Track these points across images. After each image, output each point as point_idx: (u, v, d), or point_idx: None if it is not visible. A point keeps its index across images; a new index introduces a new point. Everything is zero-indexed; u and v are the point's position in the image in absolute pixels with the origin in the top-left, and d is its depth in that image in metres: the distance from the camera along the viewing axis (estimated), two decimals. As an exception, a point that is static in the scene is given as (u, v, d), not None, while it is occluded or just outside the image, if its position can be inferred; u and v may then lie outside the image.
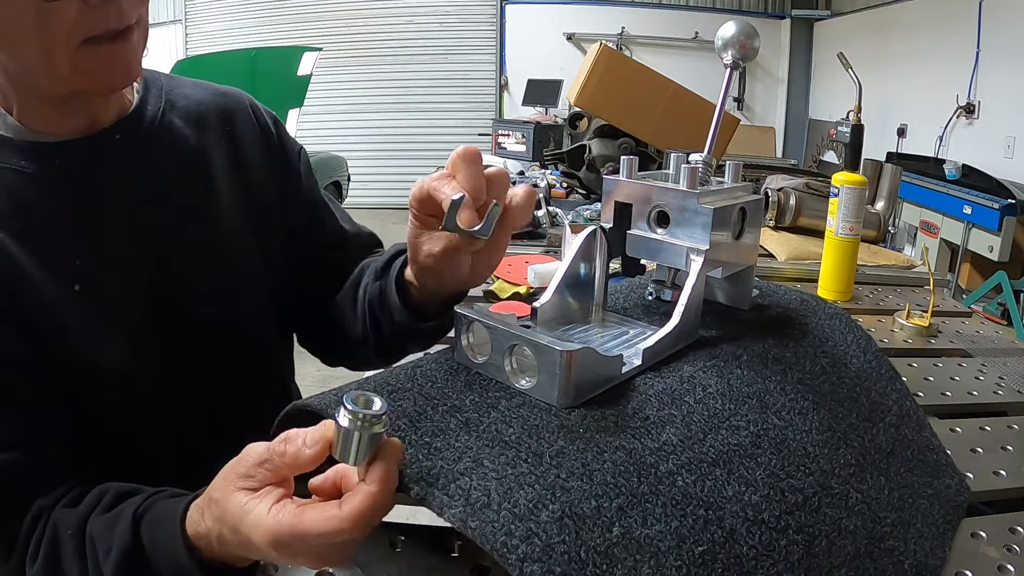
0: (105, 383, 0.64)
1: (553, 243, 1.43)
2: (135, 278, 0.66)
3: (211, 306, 0.72)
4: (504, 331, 0.47)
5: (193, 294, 0.70)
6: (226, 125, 0.77)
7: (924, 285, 1.30)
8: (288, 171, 0.83)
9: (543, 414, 0.45)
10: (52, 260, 0.61)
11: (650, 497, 0.40)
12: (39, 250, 0.60)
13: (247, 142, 0.78)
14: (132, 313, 0.66)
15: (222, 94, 0.79)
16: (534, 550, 0.35)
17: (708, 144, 0.63)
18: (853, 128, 1.67)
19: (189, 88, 0.77)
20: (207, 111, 0.76)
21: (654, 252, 0.59)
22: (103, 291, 0.64)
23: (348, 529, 0.38)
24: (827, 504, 0.46)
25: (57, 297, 0.61)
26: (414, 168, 6.63)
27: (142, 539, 0.51)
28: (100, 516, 0.54)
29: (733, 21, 0.63)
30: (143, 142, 0.69)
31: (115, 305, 0.65)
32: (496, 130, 3.74)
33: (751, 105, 6.72)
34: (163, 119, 0.71)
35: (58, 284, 0.61)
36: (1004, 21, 3.90)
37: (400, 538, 0.56)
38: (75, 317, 0.62)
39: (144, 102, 0.71)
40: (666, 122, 1.89)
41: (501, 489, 0.38)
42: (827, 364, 0.61)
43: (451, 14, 6.74)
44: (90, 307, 0.62)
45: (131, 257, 0.66)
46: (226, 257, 0.74)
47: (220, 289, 0.73)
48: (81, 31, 0.56)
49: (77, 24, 0.55)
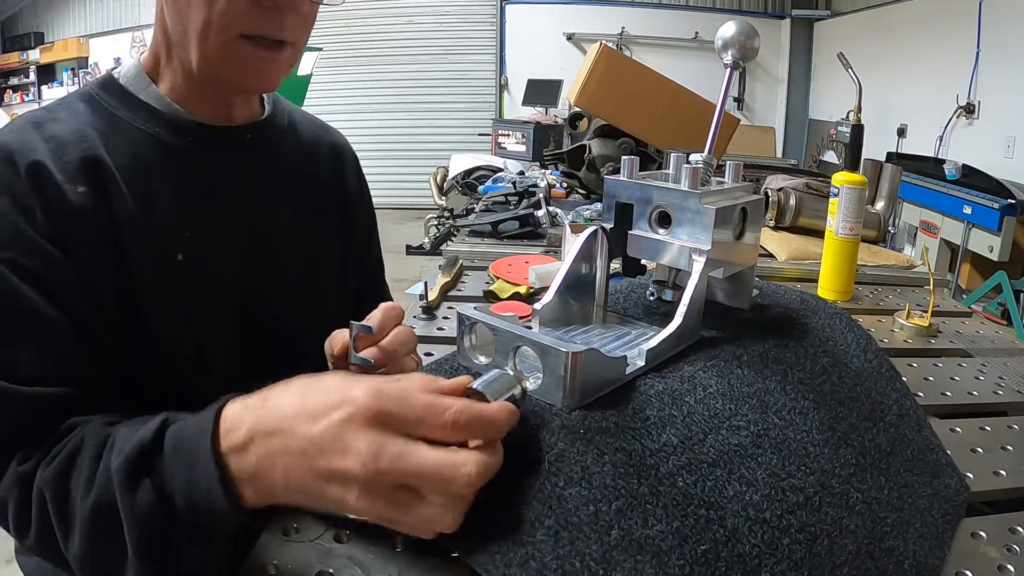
0: (178, 356, 0.66)
1: (553, 243, 1.43)
2: (231, 264, 0.71)
3: (287, 309, 0.76)
4: (508, 332, 0.47)
5: (275, 295, 0.75)
6: (336, 156, 0.87)
7: (924, 285, 1.30)
8: (372, 215, 0.93)
9: (545, 415, 0.45)
10: (164, 226, 0.65)
11: (650, 498, 0.40)
12: (155, 214, 0.64)
13: (350, 178, 0.88)
14: (221, 295, 0.70)
15: (328, 128, 0.89)
16: (529, 574, 0.36)
17: (708, 144, 0.63)
18: (853, 128, 1.67)
19: (302, 115, 0.86)
20: (320, 139, 0.85)
21: (655, 252, 0.59)
22: (202, 267, 0.68)
23: (456, 417, 0.38)
24: (828, 503, 0.46)
25: (161, 261, 0.64)
26: (414, 168, 6.64)
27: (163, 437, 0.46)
28: (130, 425, 0.51)
29: (733, 21, 0.63)
30: (268, 147, 0.76)
31: (208, 283, 0.68)
32: (496, 130, 3.74)
33: (751, 105, 6.72)
34: (286, 135, 0.80)
35: (164, 250, 0.65)
36: (1004, 21, 3.91)
37: (400, 538, 0.56)
38: (171, 284, 0.65)
39: (273, 115, 0.78)
40: (666, 122, 1.89)
41: (503, 513, 0.39)
42: (827, 364, 0.61)
43: (451, 14, 6.74)
44: (187, 279, 0.66)
45: (231, 245, 0.71)
46: (311, 273, 0.80)
47: (299, 298, 0.77)
48: (242, 25, 0.62)
49: (242, 17, 0.61)
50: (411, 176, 6.69)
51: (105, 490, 0.47)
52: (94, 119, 0.66)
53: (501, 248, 1.39)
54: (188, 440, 0.44)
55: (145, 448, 0.46)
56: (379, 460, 0.37)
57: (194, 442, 0.44)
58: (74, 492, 0.49)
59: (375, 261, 0.96)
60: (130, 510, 0.45)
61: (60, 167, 0.60)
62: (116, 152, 0.64)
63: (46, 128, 0.63)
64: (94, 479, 0.48)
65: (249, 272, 0.72)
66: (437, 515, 0.38)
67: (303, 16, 0.67)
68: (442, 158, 5.04)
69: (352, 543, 0.51)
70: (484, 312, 0.50)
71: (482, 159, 3.64)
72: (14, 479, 0.53)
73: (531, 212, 1.51)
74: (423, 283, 1.05)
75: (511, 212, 1.55)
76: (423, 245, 3.49)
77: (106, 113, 0.67)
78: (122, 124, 0.66)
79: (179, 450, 0.45)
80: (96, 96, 0.68)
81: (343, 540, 0.51)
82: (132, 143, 0.65)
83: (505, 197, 1.75)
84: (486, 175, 2.72)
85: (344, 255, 0.85)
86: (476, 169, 3.09)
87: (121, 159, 0.64)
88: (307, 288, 0.79)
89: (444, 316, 1.03)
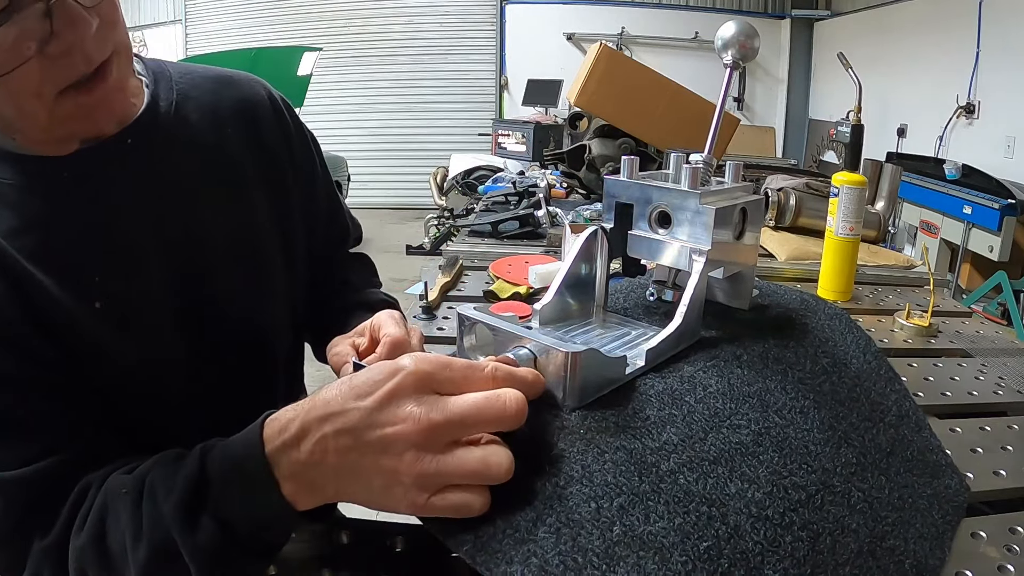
0: (135, 392, 0.62)
1: (553, 243, 1.43)
2: (159, 286, 0.63)
3: (238, 306, 0.70)
4: (508, 332, 0.47)
5: (220, 295, 0.68)
6: (245, 116, 0.73)
7: (924, 285, 1.30)
8: (311, 164, 0.80)
9: (544, 416, 0.45)
10: (69, 278, 0.57)
11: (652, 495, 0.40)
12: (55, 269, 0.57)
13: (268, 134, 0.75)
14: (158, 321, 0.63)
15: (235, 82, 0.75)
16: (531, 571, 0.36)
17: (708, 144, 0.63)
18: (853, 128, 1.67)
19: (200, 78, 0.72)
20: (222, 103, 0.72)
21: (655, 252, 0.59)
22: (125, 304, 0.61)
23: (495, 372, 0.41)
24: (830, 502, 0.46)
25: (79, 314, 0.57)
26: (414, 168, 6.65)
27: (207, 468, 0.45)
28: (164, 464, 0.49)
29: (733, 21, 0.63)
30: (158, 143, 0.65)
31: (140, 316, 0.62)
32: (496, 130, 3.74)
33: (751, 105, 6.73)
34: (177, 115, 0.67)
35: (78, 301, 0.57)
36: (1004, 21, 3.91)
37: (400, 538, 0.56)
38: (100, 333, 0.59)
39: (155, 99, 0.66)
40: (666, 122, 1.89)
41: (504, 514, 0.40)
42: (827, 364, 0.61)
43: (451, 14, 6.74)
44: (113, 323, 0.59)
45: (154, 265, 0.63)
46: (253, 256, 0.72)
47: (247, 289, 0.71)
48: (51, 86, 0.52)
49: (44, 81, 0.52)
50: (411, 176, 6.70)
51: (158, 536, 0.45)
52: None
53: (501, 248, 1.39)
54: (236, 460, 0.44)
55: (194, 482, 0.45)
56: (431, 413, 0.39)
57: (243, 461, 0.43)
58: (116, 549, 0.47)
59: (325, 209, 0.85)
60: (193, 549, 0.44)
61: None
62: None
63: None
64: (141, 527, 0.46)
65: (185, 286, 0.65)
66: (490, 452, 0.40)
67: (101, 24, 0.53)
68: (442, 158, 5.04)
69: (352, 543, 0.51)
70: (484, 312, 0.50)
71: (482, 159, 3.64)
72: (40, 557, 0.51)
73: (531, 212, 1.51)
74: (423, 283, 1.05)
75: (511, 212, 1.55)
76: (423, 245, 3.48)
77: None
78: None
79: (228, 475, 0.44)
80: None
81: (343, 540, 0.52)
82: (6, 206, 0.57)
83: (505, 197, 1.75)
84: (486, 175, 2.72)
85: (281, 218, 0.75)
86: (476, 169, 3.09)
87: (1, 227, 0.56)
88: (248, 271, 0.71)
89: (444, 316, 1.04)
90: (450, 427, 0.40)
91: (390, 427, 0.40)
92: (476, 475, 0.40)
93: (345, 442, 0.41)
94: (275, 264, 0.75)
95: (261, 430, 0.43)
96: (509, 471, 0.40)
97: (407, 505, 0.40)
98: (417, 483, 0.39)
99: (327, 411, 0.41)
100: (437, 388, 0.41)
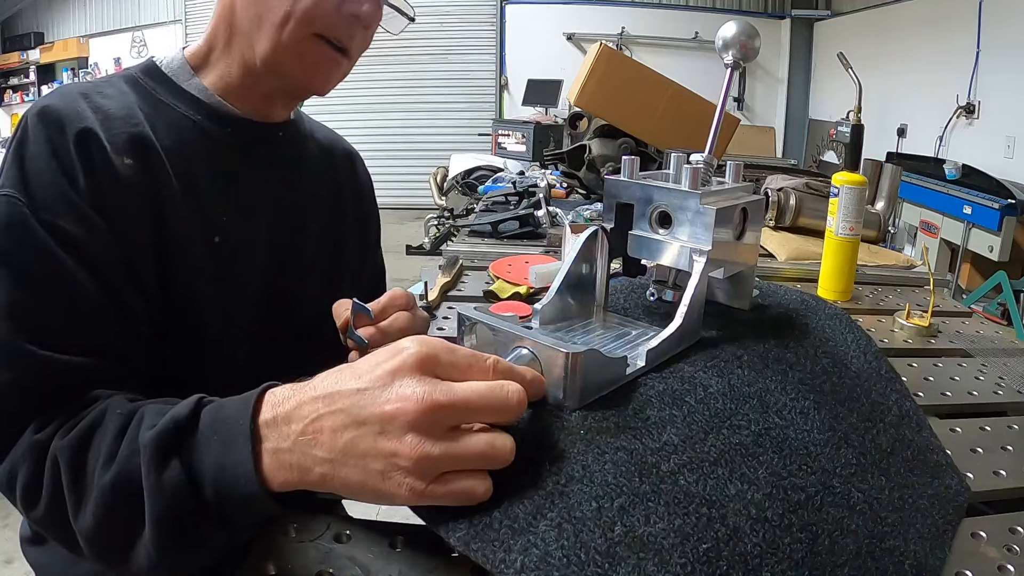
0: (204, 338, 0.67)
1: (553, 243, 1.43)
2: (261, 255, 0.73)
3: (307, 307, 0.78)
4: (508, 332, 0.47)
5: (297, 291, 0.78)
6: (350, 162, 0.90)
7: (924, 285, 1.30)
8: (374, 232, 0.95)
9: (544, 416, 0.45)
10: (204, 208, 0.67)
11: (652, 496, 0.40)
12: (196, 196, 0.66)
13: (363, 185, 0.92)
14: (250, 284, 0.72)
15: (340, 136, 0.92)
16: (531, 560, 0.36)
17: (708, 144, 0.63)
18: (853, 128, 1.67)
19: (316, 122, 0.89)
20: (336, 145, 0.89)
21: (656, 252, 0.59)
22: (235, 253, 0.70)
23: (495, 364, 0.41)
24: (829, 503, 0.46)
25: (199, 242, 0.66)
26: (414, 168, 6.64)
27: (196, 416, 0.46)
28: (164, 401, 0.50)
29: (733, 21, 0.63)
30: (296, 146, 0.80)
31: (240, 270, 0.71)
32: (496, 130, 3.74)
33: (751, 105, 6.73)
34: (309, 138, 0.84)
35: (202, 231, 0.67)
36: (1004, 21, 3.91)
37: (400, 538, 0.56)
38: (206, 266, 0.67)
39: (299, 118, 0.83)
40: (666, 122, 1.89)
41: (501, 505, 0.39)
42: (828, 364, 0.61)
43: (451, 14, 6.74)
44: (221, 263, 0.68)
45: (262, 238, 0.73)
46: (330, 273, 0.83)
47: (318, 296, 0.78)
48: (320, 25, 0.65)
49: (322, 17, 0.65)
50: (411, 176, 6.69)
51: (127, 465, 0.46)
52: (140, 100, 0.67)
53: (501, 248, 1.39)
54: (227, 418, 0.44)
55: (180, 424, 0.45)
56: (435, 394, 0.38)
57: (233, 420, 0.43)
58: (91, 464, 0.48)
59: (379, 266, 0.99)
60: (155, 488, 0.44)
61: (108, 138, 0.61)
62: (161, 134, 0.65)
63: (94, 100, 0.63)
64: (116, 453, 0.47)
65: (276, 266, 0.75)
66: (496, 436, 0.40)
67: (367, 33, 0.71)
68: (442, 158, 5.04)
69: (352, 543, 0.51)
70: (484, 312, 0.50)
71: (482, 159, 3.64)
72: (28, 447, 0.52)
73: (531, 212, 1.51)
74: (423, 283, 1.05)
75: (511, 212, 1.55)
76: (423, 245, 3.48)
77: (151, 97, 0.68)
78: (167, 109, 0.68)
79: (215, 429, 0.44)
80: (140, 80, 0.70)
81: (343, 540, 0.51)
82: (176, 128, 0.67)
83: (505, 197, 1.75)
84: (486, 175, 2.72)
85: (360, 258, 0.90)
86: (476, 169, 3.09)
87: (165, 141, 0.65)
88: (325, 287, 0.80)
89: (444, 316, 1.03)
90: (455, 410, 0.39)
91: (389, 404, 0.39)
92: (484, 458, 0.39)
93: (341, 420, 0.40)
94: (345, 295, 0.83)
95: (259, 398, 0.44)
96: (512, 455, 0.40)
97: (406, 490, 0.38)
98: (418, 468, 0.38)
99: (325, 390, 0.41)
100: (439, 372, 0.40)
